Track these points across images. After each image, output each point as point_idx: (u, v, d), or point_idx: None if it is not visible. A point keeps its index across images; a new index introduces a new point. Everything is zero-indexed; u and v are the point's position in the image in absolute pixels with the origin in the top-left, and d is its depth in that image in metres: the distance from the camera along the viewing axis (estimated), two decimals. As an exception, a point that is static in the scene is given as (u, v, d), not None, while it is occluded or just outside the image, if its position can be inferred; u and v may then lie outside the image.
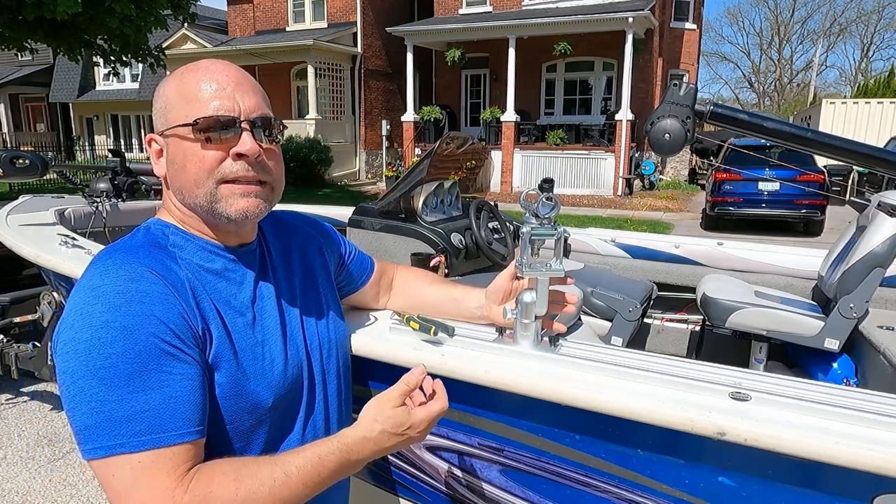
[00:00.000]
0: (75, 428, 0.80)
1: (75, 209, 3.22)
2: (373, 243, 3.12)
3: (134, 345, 0.80)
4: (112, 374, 0.79)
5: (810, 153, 9.00)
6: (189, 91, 0.92)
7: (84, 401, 0.79)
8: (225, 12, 21.12)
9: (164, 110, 0.94)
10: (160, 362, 0.82)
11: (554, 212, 1.24)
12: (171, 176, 0.96)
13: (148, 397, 0.80)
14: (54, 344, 0.85)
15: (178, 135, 0.92)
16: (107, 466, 0.79)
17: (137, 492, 0.78)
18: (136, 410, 0.79)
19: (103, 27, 10.04)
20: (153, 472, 0.79)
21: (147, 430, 0.79)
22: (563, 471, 1.21)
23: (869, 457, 0.90)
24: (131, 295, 0.83)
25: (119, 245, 0.94)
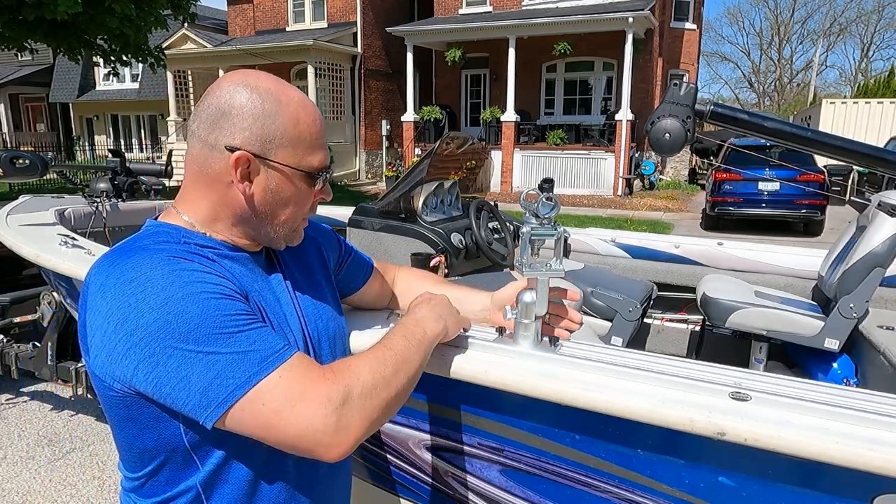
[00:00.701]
0: (197, 392, 0.79)
1: (75, 209, 3.22)
2: (373, 243, 3.12)
3: (206, 303, 0.82)
4: (203, 332, 0.80)
5: (810, 153, 9.01)
6: (307, 134, 0.96)
7: (191, 364, 0.79)
8: (225, 12, 21.13)
9: (277, 140, 0.93)
10: (236, 307, 0.85)
11: (554, 212, 1.24)
12: (266, 203, 0.96)
13: (248, 334, 0.83)
14: (104, 352, 0.82)
15: (287, 174, 0.95)
16: (251, 401, 0.80)
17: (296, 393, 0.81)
18: (246, 346, 0.81)
19: (103, 27, 10.05)
20: (297, 375, 0.83)
21: (267, 354, 0.82)
22: (563, 471, 1.21)
23: (869, 457, 0.90)
24: (176, 274, 0.83)
25: (126, 247, 0.91)
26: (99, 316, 0.83)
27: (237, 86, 0.93)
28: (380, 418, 0.87)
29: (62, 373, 3.29)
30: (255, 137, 0.92)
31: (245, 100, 0.92)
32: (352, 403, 0.83)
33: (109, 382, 0.84)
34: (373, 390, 0.86)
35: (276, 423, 0.80)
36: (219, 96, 0.93)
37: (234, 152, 0.91)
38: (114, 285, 0.83)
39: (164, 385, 0.80)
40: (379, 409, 0.86)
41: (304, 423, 0.79)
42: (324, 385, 0.82)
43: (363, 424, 0.83)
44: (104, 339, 0.82)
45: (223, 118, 0.92)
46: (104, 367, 0.83)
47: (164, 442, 0.89)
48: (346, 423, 0.81)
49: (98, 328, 0.83)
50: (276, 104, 0.93)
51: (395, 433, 1.40)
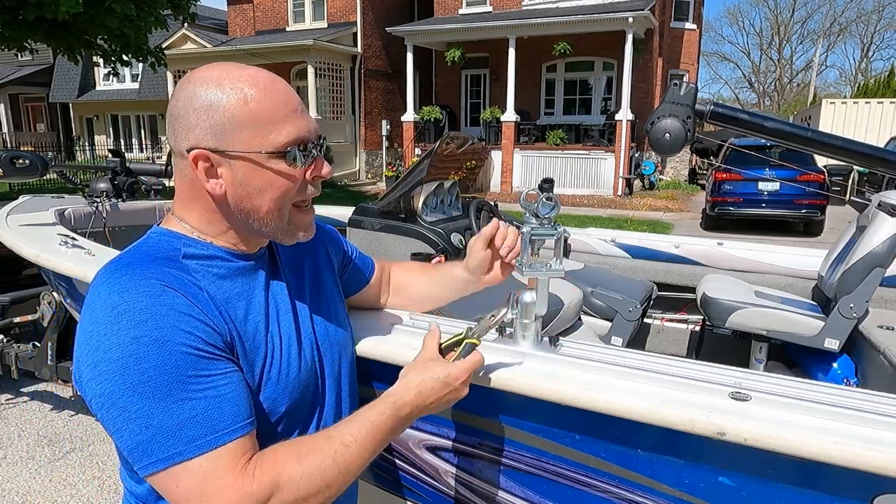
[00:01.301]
0: (126, 448, 0.80)
1: (75, 209, 3.22)
2: (373, 243, 3.12)
3: (168, 356, 0.79)
4: (152, 388, 0.78)
5: (810, 153, 9.01)
6: (261, 110, 0.87)
7: (129, 419, 0.79)
8: (225, 12, 21.12)
9: (227, 127, 0.87)
10: (197, 367, 0.81)
11: (554, 212, 1.24)
12: (240, 198, 0.91)
13: (194, 403, 0.80)
14: (78, 370, 0.83)
15: (253, 160, 0.88)
16: (168, 478, 0.79)
17: (206, 493, 0.79)
18: (186, 417, 0.79)
19: (103, 27, 10.06)
20: (216, 471, 0.79)
21: (201, 433, 0.79)
22: (563, 471, 1.21)
23: (869, 457, 0.90)
24: (156, 309, 0.81)
25: (126, 260, 0.89)
26: (81, 333, 0.84)
27: (182, 84, 0.90)
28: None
29: (62, 373, 3.29)
30: (206, 131, 0.87)
31: (188, 96, 0.88)
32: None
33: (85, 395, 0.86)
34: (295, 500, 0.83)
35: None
36: (171, 102, 0.91)
37: (191, 153, 0.88)
38: (99, 307, 0.83)
39: (107, 425, 0.81)
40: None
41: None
42: (239, 488, 0.80)
43: None
44: (79, 357, 0.83)
45: (176, 122, 0.89)
46: (78, 382, 0.85)
47: None
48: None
49: (78, 344, 0.84)
50: (217, 89, 0.87)
51: (395, 433, 1.39)
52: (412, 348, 1.25)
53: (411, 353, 1.24)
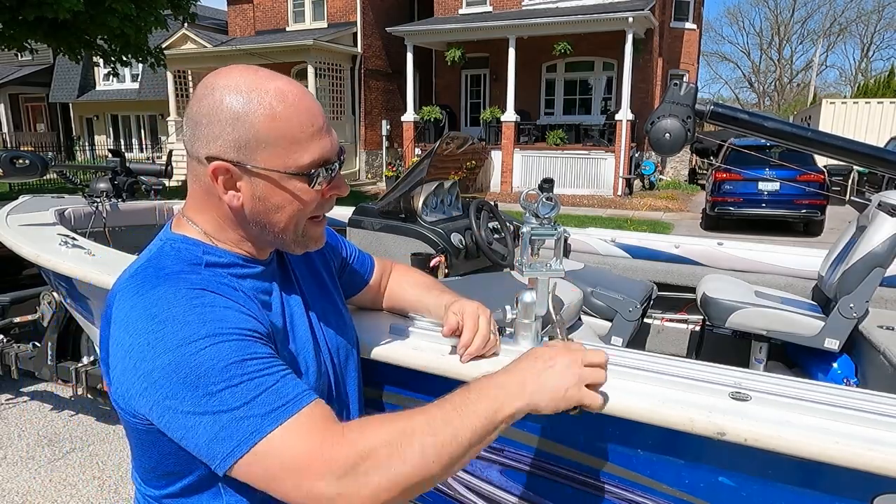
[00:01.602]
0: (201, 447, 0.77)
1: (75, 209, 3.22)
2: (373, 243, 3.12)
3: (220, 347, 0.78)
4: (212, 379, 0.76)
5: (810, 153, 9.01)
6: (287, 129, 0.85)
7: (197, 417, 0.76)
8: (225, 12, 21.12)
9: (252, 144, 0.85)
10: (251, 350, 0.80)
11: (554, 212, 1.24)
12: (256, 212, 0.90)
13: (259, 380, 0.78)
14: (125, 388, 0.81)
15: (275, 178, 0.87)
16: (253, 461, 0.76)
17: (295, 463, 0.75)
18: (253, 395, 0.77)
19: (104, 27, 10.06)
20: (300, 437, 0.77)
21: (273, 405, 0.77)
22: (563, 471, 1.21)
23: (869, 457, 0.90)
24: (197, 310, 0.80)
25: (152, 271, 0.87)
26: (121, 349, 0.81)
27: (207, 89, 0.86)
28: (393, 498, 0.77)
29: (62, 373, 3.29)
30: (230, 144, 0.85)
31: (214, 104, 0.85)
32: (356, 477, 0.75)
33: (131, 413, 0.83)
34: (387, 469, 0.76)
35: (276, 488, 0.77)
36: (192, 104, 0.88)
37: (212, 163, 0.85)
38: (137, 320, 0.81)
39: (175, 430, 0.78)
40: (392, 488, 0.76)
41: (303, 493, 0.75)
42: (329, 450, 0.76)
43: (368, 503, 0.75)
44: (124, 374, 0.81)
45: (198, 127, 0.86)
46: (124, 400, 0.82)
47: (189, 466, 0.87)
48: (346, 497, 0.74)
49: (119, 361, 0.82)
50: (246, 102, 0.84)
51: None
52: (407, 347, 1.25)
53: (407, 351, 1.24)
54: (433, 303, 1.27)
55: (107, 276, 1.91)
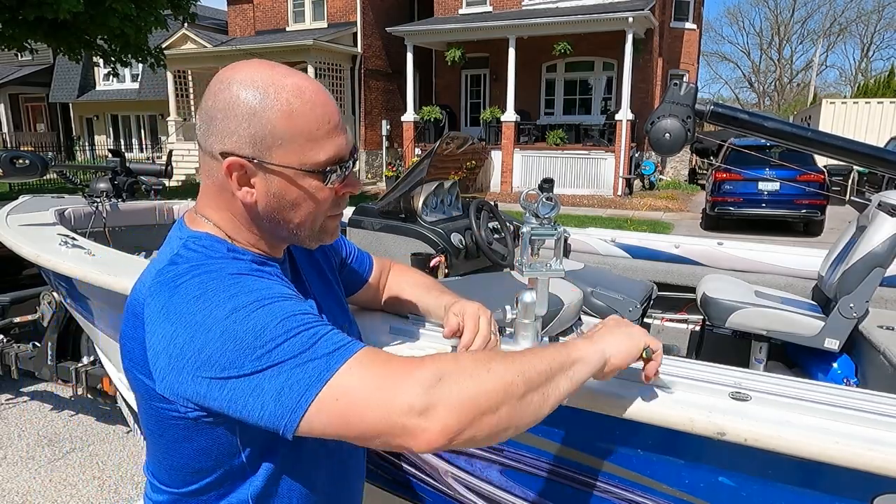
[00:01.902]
0: (269, 405, 0.74)
1: (75, 209, 3.22)
2: (373, 243, 3.12)
3: (270, 308, 0.78)
4: (271, 335, 0.75)
5: (810, 153, 9.01)
6: (304, 126, 0.85)
7: (259, 375, 0.75)
8: (225, 12, 21.12)
9: (269, 140, 0.84)
10: (300, 307, 0.81)
11: (554, 212, 1.24)
12: (271, 209, 0.89)
13: (315, 330, 0.78)
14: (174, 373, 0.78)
15: (290, 175, 0.87)
16: (326, 400, 0.74)
17: (371, 381, 0.74)
18: (313, 342, 0.76)
19: (104, 27, 10.07)
20: (369, 367, 0.76)
21: (335, 346, 0.77)
22: (563, 471, 1.21)
23: (869, 457, 0.90)
24: (241, 285, 0.80)
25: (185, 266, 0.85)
26: (163, 340, 0.79)
27: (223, 84, 0.86)
28: (480, 418, 0.74)
29: (62, 373, 3.29)
30: (246, 139, 0.84)
31: (230, 98, 0.84)
32: (441, 388, 0.73)
33: (177, 404, 0.81)
34: (471, 380, 0.75)
35: (355, 416, 0.73)
36: (207, 98, 0.87)
37: (226, 158, 0.85)
38: (178, 305, 0.80)
39: (237, 399, 0.76)
40: (477, 403, 0.74)
41: (385, 408, 0.73)
42: (409, 368, 0.75)
43: (454, 414, 0.72)
44: (171, 363, 0.78)
45: (213, 122, 0.86)
46: (173, 388, 0.80)
47: (221, 461, 0.87)
48: (433, 408, 0.72)
49: (163, 352, 0.79)
50: (263, 97, 0.83)
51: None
52: (406, 346, 1.25)
53: (406, 351, 1.24)
54: (433, 303, 1.27)
55: (107, 276, 1.91)
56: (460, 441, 0.74)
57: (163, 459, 0.92)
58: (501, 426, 0.77)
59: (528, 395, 0.79)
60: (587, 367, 0.90)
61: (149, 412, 0.88)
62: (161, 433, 0.89)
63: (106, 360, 2.78)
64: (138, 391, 0.88)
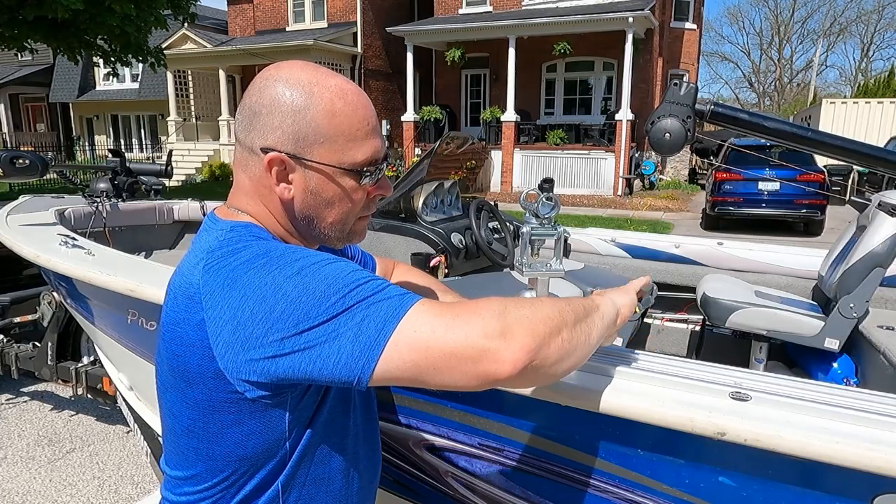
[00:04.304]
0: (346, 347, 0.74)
1: (75, 209, 3.22)
2: (373, 243, 3.12)
3: (335, 264, 0.80)
4: (339, 287, 0.77)
5: (810, 153, 9.02)
6: (346, 126, 0.88)
7: (335, 323, 0.75)
8: (225, 12, 21.12)
9: (311, 137, 0.87)
10: (357, 266, 0.82)
11: (554, 212, 1.24)
12: (307, 206, 0.91)
13: (379, 282, 0.79)
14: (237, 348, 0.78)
15: (329, 173, 0.89)
16: (402, 333, 0.74)
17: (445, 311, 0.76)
18: (382, 287, 0.78)
19: (103, 26, 10.06)
20: (437, 306, 0.78)
21: (403, 291, 0.79)
22: (563, 471, 1.21)
23: (869, 457, 0.90)
24: (302, 251, 0.83)
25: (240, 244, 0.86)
26: (230, 309, 0.79)
27: (268, 81, 0.89)
28: (546, 344, 0.77)
29: (62, 373, 3.29)
30: (288, 136, 0.87)
31: (275, 96, 0.87)
32: (512, 313, 0.76)
33: (235, 384, 0.81)
34: (530, 310, 0.79)
35: (435, 343, 0.74)
36: (251, 94, 0.89)
37: (267, 154, 0.87)
38: (242, 274, 0.80)
39: (313, 352, 0.75)
40: (543, 327, 0.78)
41: (465, 331, 0.74)
42: (473, 304, 0.77)
43: (529, 333, 0.75)
44: (238, 330, 0.78)
45: (255, 118, 0.88)
46: (237, 361, 0.79)
47: (268, 445, 0.87)
48: (509, 329, 0.74)
49: (229, 321, 0.79)
50: (307, 96, 0.86)
51: (394, 433, 1.39)
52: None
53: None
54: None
55: (107, 277, 1.91)
56: (538, 360, 0.76)
57: (201, 448, 0.89)
58: (566, 349, 0.81)
59: (578, 324, 0.85)
60: (609, 312, 0.99)
61: (195, 398, 0.86)
62: (208, 420, 0.87)
63: (106, 360, 2.78)
64: (184, 378, 0.86)
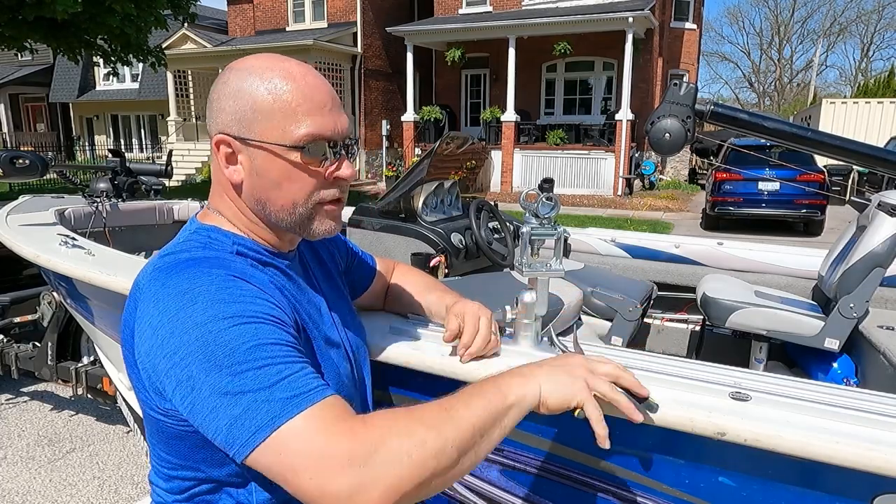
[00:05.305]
0: (222, 430, 0.74)
1: (75, 209, 3.22)
2: (373, 243, 3.12)
3: (247, 327, 0.77)
4: (237, 359, 0.75)
5: (810, 153, 9.01)
6: (287, 103, 0.86)
7: (220, 398, 0.74)
8: (225, 12, 21.12)
9: (249, 115, 0.87)
10: (276, 335, 0.79)
11: (554, 212, 1.24)
12: (256, 188, 0.91)
13: (281, 367, 0.76)
14: (151, 365, 0.80)
15: (272, 150, 0.87)
16: (273, 447, 0.73)
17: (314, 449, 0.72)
18: (275, 381, 0.75)
19: (104, 26, 10.05)
20: (319, 425, 0.74)
21: (295, 391, 0.75)
22: (563, 471, 1.21)
23: (869, 457, 0.90)
24: (228, 290, 0.80)
25: (183, 256, 0.87)
26: (149, 327, 0.80)
27: (225, 72, 0.91)
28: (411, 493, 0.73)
29: (62, 373, 3.29)
30: (232, 117, 0.88)
31: (223, 82, 0.90)
32: (374, 468, 0.71)
33: (157, 399, 0.83)
34: (406, 457, 0.73)
35: (292, 479, 0.73)
36: (213, 87, 0.93)
37: (215, 137, 0.90)
38: (167, 297, 0.80)
39: (197, 413, 0.76)
40: (410, 481, 0.72)
41: (319, 483, 0.71)
42: (348, 440, 0.73)
43: (386, 495, 0.71)
44: (150, 353, 0.80)
45: (209, 107, 0.92)
46: (150, 381, 0.82)
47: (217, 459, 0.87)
48: (364, 489, 0.70)
49: (147, 339, 0.80)
50: (253, 78, 0.87)
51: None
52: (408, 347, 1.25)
53: (408, 351, 1.24)
54: (435, 303, 1.27)
55: (107, 277, 1.91)
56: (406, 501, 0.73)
57: (164, 455, 0.91)
58: (432, 493, 0.77)
59: (460, 460, 0.77)
60: (520, 411, 0.86)
61: (143, 406, 0.88)
62: (153, 429, 0.89)
63: (106, 360, 2.78)
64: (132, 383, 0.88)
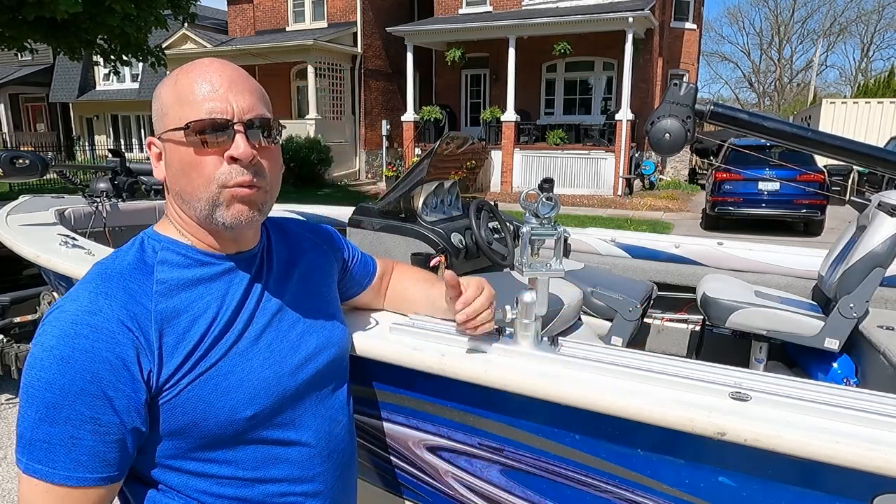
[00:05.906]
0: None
1: (75, 209, 3.22)
2: (373, 243, 3.12)
3: (62, 377, 0.81)
4: (34, 397, 0.82)
5: (810, 153, 9.01)
6: (183, 93, 0.90)
7: (21, 414, 0.84)
8: (225, 12, 21.11)
9: (160, 113, 0.93)
10: (77, 401, 0.81)
11: (554, 212, 1.24)
12: (170, 180, 0.94)
13: (53, 430, 0.81)
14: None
15: (174, 139, 0.90)
16: (21, 482, 0.84)
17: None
18: (39, 439, 0.81)
19: (104, 26, 10.04)
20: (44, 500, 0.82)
21: (41, 459, 0.81)
22: (563, 471, 1.21)
23: (869, 457, 0.90)
24: (80, 328, 0.83)
25: (108, 265, 0.93)
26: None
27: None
28: None
29: (62, 373, 3.28)
30: (157, 118, 0.94)
31: (155, 92, 0.97)
32: None
33: None
34: None
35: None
36: None
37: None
38: (58, 304, 0.88)
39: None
40: None
41: None
42: None
43: None
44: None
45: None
46: None
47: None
48: None
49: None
50: (167, 80, 0.95)
51: (395, 433, 1.39)
52: (408, 347, 1.26)
53: (408, 351, 1.24)
54: (436, 293, 1.28)
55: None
56: None
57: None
58: None
59: None
60: None
61: None
62: None
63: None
64: None
